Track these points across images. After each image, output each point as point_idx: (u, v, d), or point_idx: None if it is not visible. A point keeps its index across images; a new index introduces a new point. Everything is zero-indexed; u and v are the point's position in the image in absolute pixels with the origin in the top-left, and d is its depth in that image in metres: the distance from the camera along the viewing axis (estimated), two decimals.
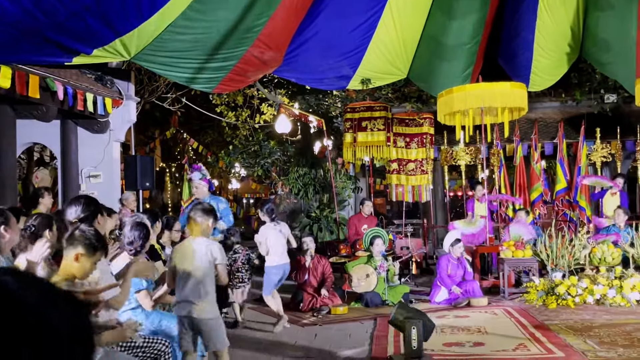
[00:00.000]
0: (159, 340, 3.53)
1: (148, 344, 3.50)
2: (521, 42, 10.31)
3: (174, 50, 7.54)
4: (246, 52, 8.08)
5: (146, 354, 3.51)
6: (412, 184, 11.38)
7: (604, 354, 4.90)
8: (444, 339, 5.57)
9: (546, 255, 7.85)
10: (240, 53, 8.07)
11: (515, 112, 8.91)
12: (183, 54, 7.69)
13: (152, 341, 3.52)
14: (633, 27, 9.47)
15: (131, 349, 3.48)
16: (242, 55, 8.21)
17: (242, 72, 8.55)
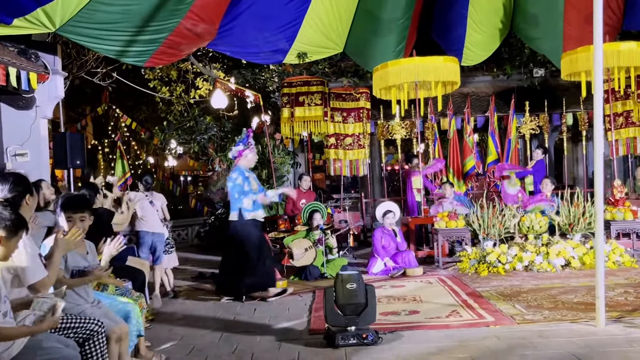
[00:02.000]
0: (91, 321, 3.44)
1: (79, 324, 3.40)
2: (454, 16, 10.46)
3: (102, 22, 7.23)
4: (178, 24, 7.85)
5: (78, 334, 3.41)
6: (350, 159, 11.48)
7: (531, 317, 5.13)
8: (380, 309, 5.66)
9: (478, 225, 8.11)
10: (172, 25, 7.83)
11: (448, 86, 9.08)
12: (112, 25, 7.38)
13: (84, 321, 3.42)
14: (560, 2, 9.78)
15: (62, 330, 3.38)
16: (175, 28, 7.97)
17: (175, 45, 8.31)
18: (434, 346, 4.37)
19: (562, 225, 8.18)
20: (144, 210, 6.75)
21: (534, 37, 10.72)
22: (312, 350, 4.43)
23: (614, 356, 3.95)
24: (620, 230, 8.19)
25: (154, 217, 6.83)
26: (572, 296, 5.89)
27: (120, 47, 7.81)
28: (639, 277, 6.73)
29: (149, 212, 6.79)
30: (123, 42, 7.76)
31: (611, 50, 8.35)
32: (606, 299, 5.27)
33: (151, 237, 6.73)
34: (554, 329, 4.70)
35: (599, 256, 4.85)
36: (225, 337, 4.95)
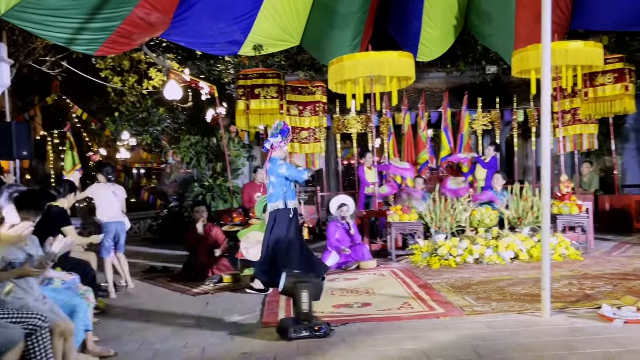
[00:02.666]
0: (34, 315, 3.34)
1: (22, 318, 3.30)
2: (410, 12, 10.60)
3: (50, 8, 7.02)
4: (130, 12, 7.69)
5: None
6: (306, 152, 11.48)
7: (480, 308, 5.25)
8: (333, 301, 5.72)
9: (430, 218, 8.24)
10: (124, 13, 7.66)
11: (403, 81, 9.16)
12: (61, 12, 7.17)
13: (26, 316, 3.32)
14: (512, 1, 10.01)
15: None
16: (126, 16, 7.80)
17: (127, 34, 8.14)
18: (384, 338, 4.42)
19: (512, 219, 8.38)
20: (103, 200, 6.74)
21: (487, 34, 10.94)
22: (265, 344, 4.42)
23: (557, 345, 4.07)
24: (566, 224, 8.45)
25: (116, 206, 6.80)
26: (519, 288, 6.04)
27: (70, 34, 7.60)
28: (583, 269, 6.96)
29: (110, 202, 6.77)
30: (72, 30, 7.55)
31: (559, 49, 8.59)
32: (551, 291, 5.43)
33: (114, 225, 6.74)
34: (501, 320, 4.82)
35: (545, 249, 4.99)
36: (176, 331, 4.88)
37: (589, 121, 11.42)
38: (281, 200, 6.55)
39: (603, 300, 5.23)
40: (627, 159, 14.21)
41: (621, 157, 13.67)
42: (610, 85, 10.67)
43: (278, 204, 6.55)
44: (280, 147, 6.63)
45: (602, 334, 4.30)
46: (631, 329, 4.39)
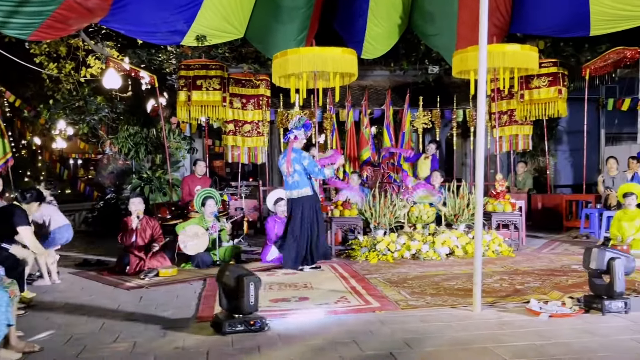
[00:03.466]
0: None
1: None
2: (356, 9, 10.67)
3: None
4: None
5: None
6: (249, 146, 11.39)
7: (414, 302, 5.35)
8: (271, 295, 5.70)
9: (370, 214, 8.33)
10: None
11: (346, 78, 9.21)
12: None
13: None
14: (455, 2, 10.22)
15: None
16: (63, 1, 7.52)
17: (63, 19, 7.85)
18: (320, 331, 4.44)
19: (448, 215, 8.58)
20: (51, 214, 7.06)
21: (430, 34, 11.15)
22: (198, 338, 4.36)
23: (486, 338, 4.19)
24: (500, 221, 8.71)
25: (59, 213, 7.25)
26: (453, 283, 6.19)
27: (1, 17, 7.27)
28: (514, 266, 7.20)
29: (55, 212, 7.16)
30: (4, 13, 7.25)
31: (497, 52, 8.84)
32: (483, 286, 5.60)
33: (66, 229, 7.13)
34: (434, 314, 4.92)
35: (478, 246, 5.12)
36: (106, 326, 4.75)
37: (525, 122, 11.82)
38: (309, 187, 7.08)
39: (531, 295, 5.42)
40: (560, 160, 14.82)
41: (554, 158, 14.22)
42: (545, 88, 11.08)
43: (306, 190, 7.08)
44: (301, 140, 7.11)
45: (529, 327, 4.46)
46: (555, 323, 4.57)
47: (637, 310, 4.83)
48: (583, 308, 4.90)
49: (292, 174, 7.06)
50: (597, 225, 9.43)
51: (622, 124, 14.80)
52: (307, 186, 7.07)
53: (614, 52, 10.19)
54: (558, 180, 14.67)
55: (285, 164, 7.11)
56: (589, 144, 11.39)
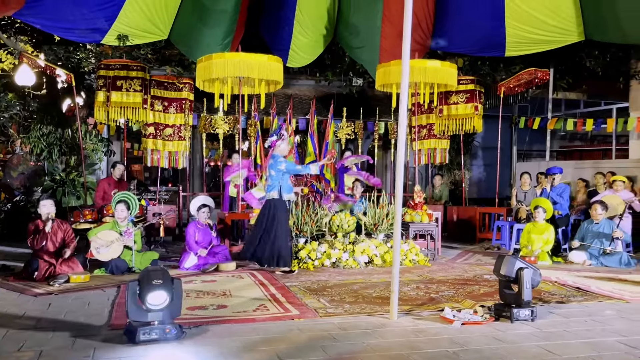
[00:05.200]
0: None
1: None
2: (282, 17, 10.68)
3: None
4: None
5: None
6: (169, 150, 11.12)
7: (333, 310, 5.38)
8: (188, 303, 5.57)
9: (292, 222, 8.33)
10: None
11: (271, 85, 9.20)
12: None
13: None
14: (379, 17, 10.44)
15: None
16: None
17: None
18: (237, 340, 4.38)
19: (368, 225, 8.72)
20: None
21: (354, 46, 11.33)
22: (110, 346, 4.19)
23: (401, 345, 4.28)
24: (417, 231, 8.94)
25: None
26: (371, 291, 6.29)
27: None
28: (430, 275, 7.40)
29: None
30: None
31: (419, 67, 9.12)
32: (400, 294, 5.73)
33: None
34: (352, 322, 4.98)
35: (396, 255, 5.23)
36: (10, 334, 4.47)
37: (443, 137, 12.23)
38: (276, 192, 7.47)
39: (446, 303, 5.59)
40: (475, 174, 15.46)
41: (469, 172, 14.81)
42: (462, 104, 11.53)
43: (273, 194, 7.48)
44: (277, 145, 7.49)
45: (443, 334, 4.59)
46: (468, 330, 4.74)
47: (543, 318, 5.09)
48: (493, 316, 5.10)
49: (268, 178, 7.58)
50: (508, 237, 9.87)
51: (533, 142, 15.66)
52: (275, 190, 7.47)
53: (527, 73, 10.75)
54: (473, 193, 15.28)
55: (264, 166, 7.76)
56: (502, 160, 11.93)
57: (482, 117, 11.92)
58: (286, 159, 7.63)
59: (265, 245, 7.39)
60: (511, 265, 5.05)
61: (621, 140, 14.34)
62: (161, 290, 4.35)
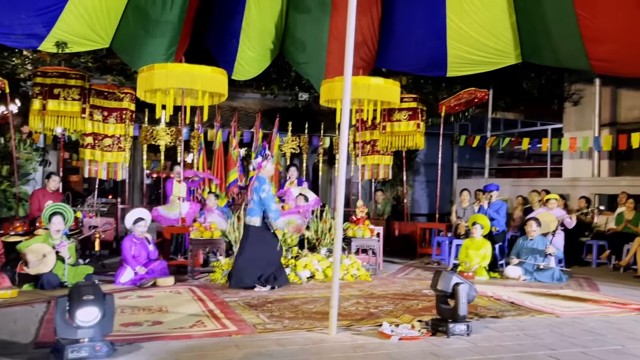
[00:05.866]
0: None
1: None
2: (229, 29, 10.65)
3: None
4: None
5: None
6: (108, 161, 10.81)
7: (272, 325, 5.32)
8: (122, 320, 5.39)
9: (234, 236, 8.23)
10: None
11: (215, 97, 9.12)
12: None
13: None
14: (325, 33, 10.56)
15: None
16: None
17: None
18: (171, 357, 4.26)
19: (311, 239, 8.71)
20: None
21: (300, 61, 11.39)
22: None
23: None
24: (359, 246, 8.99)
25: None
26: (312, 306, 6.26)
27: None
28: (370, 289, 7.44)
29: None
30: None
31: (363, 84, 9.24)
32: (340, 309, 5.72)
33: None
34: (290, 337, 4.93)
35: (336, 269, 5.24)
36: None
37: (386, 153, 12.40)
38: (258, 218, 7.25)
39: (384, 318, 5.61)
40: (417, 190, 15.73)
41: (411, 188, 15.05)
42: (405, 121, 11.74)
43: (256, 220, 7.27)
44: (263, 166, 7.32)
45: (380, 349, 4.61)
46: (405, 345, 4.77)
47: (478, 332, 5.19)
48: (430, 331, 5.16)
49: (250, 201, 7.33)
50: (448, 253, 10.05)
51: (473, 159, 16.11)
52: (257, 216, 7.28)
53: (466, 93, 11.06)
54: (415, 209, 15.54)
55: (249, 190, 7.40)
56: (443, 176, 12.19)
57: (424, 135, 12.17)
58: (270, 187, 7.38)
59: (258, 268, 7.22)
60: (448, 280, 5.13)
61: (555, 159, 14.92)
62: (92, 306, 4.21)
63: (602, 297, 7.22)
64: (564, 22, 8.95)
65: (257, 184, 7.26)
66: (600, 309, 6.51)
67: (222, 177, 11.47)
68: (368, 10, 10.21)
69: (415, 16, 10.32)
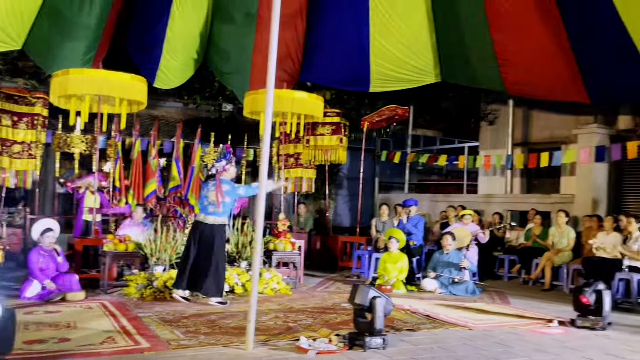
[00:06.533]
0: None
1: None
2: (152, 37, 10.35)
3: None
4: None
5: None
6: (17, 168, 10.20)
7: (186, 341, 5.18)
8: (25, 337, 5.10)
9: (150, 249, 7.98)
10: None
11: (134, 105, 8.84)
12: None
13: None
14: (250, 45, 10.48)
15: None
16: None
17: None
18: None
19: (231, 252, 8.58)
20: None
21: (224, 72, 11.26)
22: None
23: None
24: (280, 259, 8.96)
25: None
26: (229, 321, 6.16)
27: None
28: (290, 303, 7.41)
29: None
30: None
31: (287, 97, 9.25)
32: (258, 324, 5.66)
33: None
34: (206, 353, 4.82)
35: (254, 283, 5.18)
36: None
37: (309, 166, 12.44)
38: (226, 218, 7.44)
39: (302, 332, 5.60)
40: (340, 204, 15.87)
41: (334, 202, 15.18)
42: (328, 136, 11.85)
43: (224, 220, 7.37)
44: (227, 170, 7.37)
45: None
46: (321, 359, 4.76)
47: (394, 346, 5.26)
48: (347, 344, 5.18)
49: (221, 203, 7.22)
50: (367, 266, 10.17)
51: (394, 174, 16.47)
52: (225, 216, 7.44)
53: (388, 109, 11.30)
54: (338, 222, 15.67)
55: (215, 193, 7.22)
56: (365, 190, 12.39)
57: (348, 149, 12.32)
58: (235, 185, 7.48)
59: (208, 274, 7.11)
60: (365, 294, 5.18)
61: (472, 176, 15.49)
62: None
63: (512, 310, 7.52)
64: (480, 46, 9.32)
65: (229, 187, 7.30)
66: (509, 321, 6.78)
67: (140, 187, 11.10)
68: (293, 24, 10.23)
69: (339, 32, 10.44)
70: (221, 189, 7.24)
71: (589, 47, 8.37)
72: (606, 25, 7.86)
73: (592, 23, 8.10)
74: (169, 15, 10.03)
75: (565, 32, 8.36)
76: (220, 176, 7.34)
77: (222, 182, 7.30)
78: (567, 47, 8.50)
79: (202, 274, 7.13)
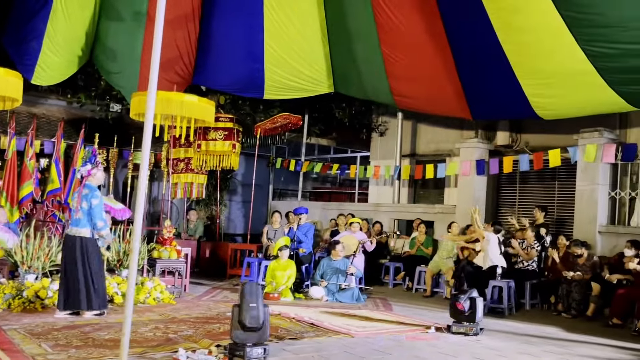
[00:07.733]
0: None
1: None
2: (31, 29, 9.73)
3: None
4: None
5: None
6: None
7: (55, 356, 4.86)
8: None
9: (21, 256, 7.43)
10: None
11: (7, 102, 8.21)
12: None
13: None
14: (139, 45, 10.10)
15: None
16: None
17: None
18: None
19: (112, 261, 8.19)
20: None
21: (112, 71, 10.78)
22: None
23: None
24: (165, 267, 8.67)
25: None
26: (105, 333, 5.85)
27: None
28: (172, 313, 7.17)
29: None
30: None
31: (176, 100, 8.93)
32: (137, 335, 5.44)
33: None
34: None
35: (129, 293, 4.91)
36: None
37: (200, 172, 12.19)
38: (89, 229, 6.79)
39: (182, 344, 5.42)
40: (233, 210, 15.68)
41: (226, 208, 14.98)
42: (221, 141, 11.65)
43: (86, 231, 6.77)
44: (93, 174, 6.93)
45: None
46: None
47: (275, 355, 5.23)
48: (227, 355, 5.08)
49: (78, 210, 6.78)
50: (257, 274, 10.09)
51: (289, 182, 16.52)
52: (87, 227, 6.80)
53: (282, 117, 11.31)
54: (231, 229, 15.46)
55: (76, 198, 6.86)
56: (260, 197, 12.31)
57: (243, 155, 12.19)
58: (101, 196, 6.98)
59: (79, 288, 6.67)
60: None
61: (364, 185, 15.86)
62: None
63: (394, 317, 7.74)
64: (371, 59, 9.56)
65: (89, 192, 6.81)
66: (391, 328, 6.97)
67: (14, 190, 10.34)
68: (184, 24, 9.97)
69: (233, 37, 10.32)
70: (80, 194, 6.85)
71: (471, 68, 8.83)
72: (487, 49, 8.31)
73: (473, 47, 8.54)
74: (50, 9, 9.45)
75: (451, 53, 8.76)
76: (86, 181, 6.93)
77: (85, 187, 6.89)
78: (452, 66, 8.92)
79: (73, 289, 6.68)
